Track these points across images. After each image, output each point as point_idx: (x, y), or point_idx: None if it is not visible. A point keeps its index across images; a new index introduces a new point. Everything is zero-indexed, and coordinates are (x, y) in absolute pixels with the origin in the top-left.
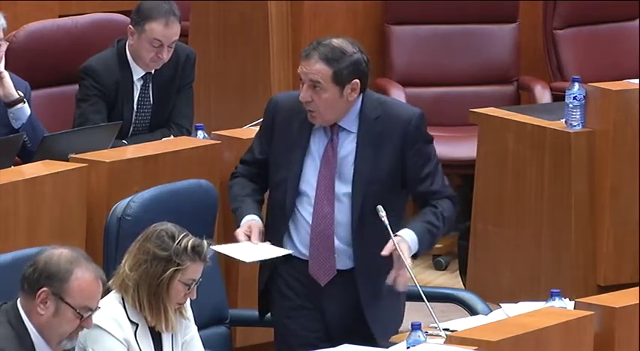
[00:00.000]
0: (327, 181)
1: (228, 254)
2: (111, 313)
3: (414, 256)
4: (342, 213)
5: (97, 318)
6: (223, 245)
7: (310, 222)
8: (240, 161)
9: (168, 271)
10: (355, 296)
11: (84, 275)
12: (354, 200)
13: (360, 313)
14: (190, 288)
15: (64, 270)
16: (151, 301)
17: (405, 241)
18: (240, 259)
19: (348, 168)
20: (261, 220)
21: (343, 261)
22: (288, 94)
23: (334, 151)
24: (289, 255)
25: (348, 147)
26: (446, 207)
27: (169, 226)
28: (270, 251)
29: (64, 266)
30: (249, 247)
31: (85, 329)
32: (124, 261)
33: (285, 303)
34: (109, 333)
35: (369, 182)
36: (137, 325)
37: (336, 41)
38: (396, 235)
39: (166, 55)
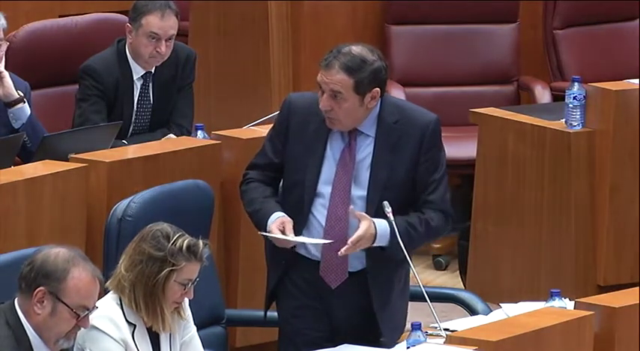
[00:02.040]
0: (343, 184)
1: (284, 238)
2: (108, 313)
3: (382, 249)
4: None
5: (94, 319)
6: (278, 235)
7: (324, 224)
8: (252, 166)
9: (164, 272)
10: (364, 298)
11: (81, 275)
12: (369, 204)
13: (370, 314)
14: (187, 288)
15: (60, 269)
16: (147, 302)
17: (370, 223)
18: (300, 241)
19: (364, 171)
20: None
21: (354, 263)
22: (302, 95)
23: (352, 155)
24: (300, 256)
25: (365, 151)
26: (434, 217)
27: (165, 226)
28: (315, 240)
29: (61, 265)
30: (290, 238)
31: (82, 329)
32: (120, 262)
33: (292, 302)
34: (106, 334)
35: (385, 187)
36: (134, 325)
37: (356, 49)
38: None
39: (165, 50)
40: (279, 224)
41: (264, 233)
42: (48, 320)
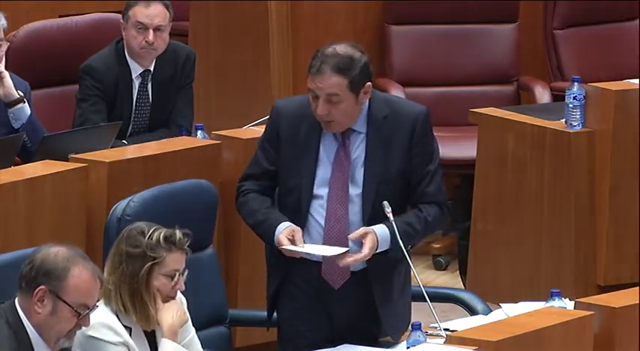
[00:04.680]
0: (340, 183)
1: (307, 251)
2: (102, 320)
3: (385, 253)
4: (355, 214)
5: (90, 329)
6: (289, 246)
7: (323, 225)
8: (246, 177)
9: (145, 267)
10: (366, 297)
11: (81, 273)
12: (365, 201)
13: (370, 313)
14: (175, 279)
15: (61, 268)
16: (133, 301)
17: (373, 234)
18: (321, 254)
19: (358, 169)
20: None
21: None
22: (289, 100)
23: (347, 155)
24: (301, 258)
25: (358, 148)
26: (432, 213)
27: (139, 224)
28: (329, 249)
29: (61, 264)
30: (309, 247)
31: (81, 342)
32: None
33: (294, 305)
34: (104, 341)
35: (379, 182)
36: (130, 328)
37: (340, 48)
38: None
39: (153, 39)
40: (288, 233)
41: (287, 247)
42: (48, 319)
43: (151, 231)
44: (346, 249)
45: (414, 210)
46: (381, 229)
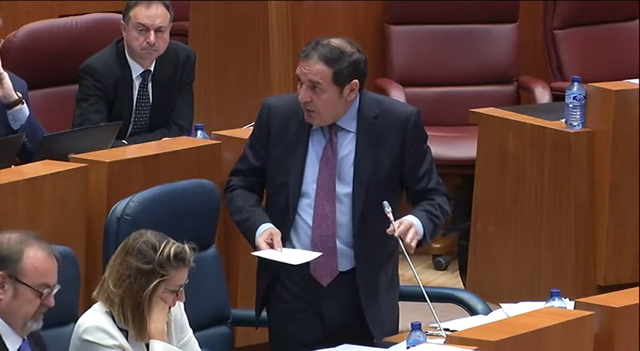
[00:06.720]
0: (327, 181)
1: (274, 259)
2: (97, 324)
3: (418, 245)
4: (343, 214)
5: (85, 333)
6: (260, 252)
7: (311, 223)
8: (234, 172)
9: (153, 283)
10: (354, 297)
11: (36, 253)
12: (355, 200)
13: (360, 313)
14: (178, 293)
15: (14, 251)
16: (134, 314)
17: (411, 222)
18: (289, 263)
19: (347, 168)
20: None
21: (343, 262)
22: (280, 98)
23: (334, 152)
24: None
25: (347, 147)
26: (441, 202)
27: (149, 236)
28: (304, 255)
29: (15, 247)
30: (279, 253)
31: (76, 345)
32: (107, 274)
33: (283, 306)
34: (99, 344)
35: (369, 182)
36: (126, 331)
37: (335, 41)
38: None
39: (154, 40)
40: (266, 237)
41: (255, 254)
42: (12, 304)
43: (162, 246)
44: (319, 254)
45: (425, 201)
46: (416, 221)
